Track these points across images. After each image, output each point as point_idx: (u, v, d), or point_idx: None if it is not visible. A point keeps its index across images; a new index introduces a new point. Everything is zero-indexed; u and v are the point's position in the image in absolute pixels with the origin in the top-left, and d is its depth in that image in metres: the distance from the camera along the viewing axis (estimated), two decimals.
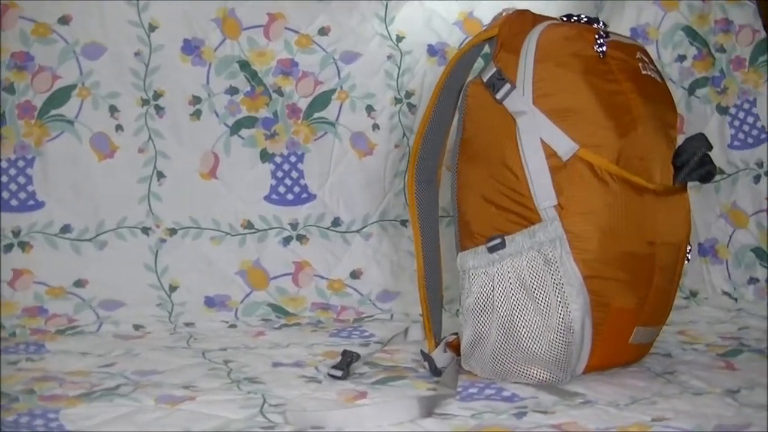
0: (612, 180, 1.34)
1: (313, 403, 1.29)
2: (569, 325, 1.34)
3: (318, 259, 1.85)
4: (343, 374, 1.40)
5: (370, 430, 1.17)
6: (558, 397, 1.31)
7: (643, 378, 1.41)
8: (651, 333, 1.45)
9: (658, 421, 1.20)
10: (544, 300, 1.34)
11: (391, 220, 1.89)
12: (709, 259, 1.97)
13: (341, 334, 1.68)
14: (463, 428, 1.18)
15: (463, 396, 1.32)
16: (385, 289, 1.85)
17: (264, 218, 1.84)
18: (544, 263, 1.34)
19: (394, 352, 1.55)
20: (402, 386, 1.37)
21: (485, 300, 1.38)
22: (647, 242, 1.37)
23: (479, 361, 1.41)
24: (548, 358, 1.35)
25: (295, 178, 1.86)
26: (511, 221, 1.36)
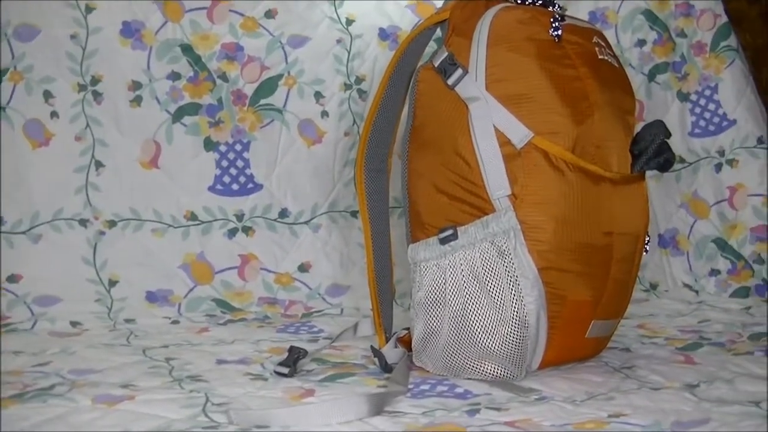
0: (568, 168, 1.35)
1: (259, 401, 1.29)
2: (524, 318, 1.35)
3: (265, 252, 1.84)
4: (289, 371, 1.40)
5: (317, 430, 1.17)
6: (512, 394, 1.32)
7: (601, 373, 1.42)
8: (608, 326, 1.46)
9: (615, 417, 1.21)
10: (498, 293, 1.35)
11: (340, 211, 1.89)
12: (670, 250, 1.99)
13: (289, 330, 1.68)
14: (414, 426, 1.18)
15: (415, 393, 1.33)
16: (334, 282, 1.85)
17: (208, 209, 1.83)
18: (498, 255, 1.35)
19: (343, 348, 1.55)
20: (351, 383, 1.37)
21: (437, 293, 1.38)
22: (604, 233, 1.38)
23: (431, 356, 1.41)
24: (502, 353, 1.36)
25: (241, 167, 1.85)
26: (463, 211, 1.37)
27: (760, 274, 1.92)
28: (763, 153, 1.95)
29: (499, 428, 1.18)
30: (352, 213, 1.88)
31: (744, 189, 1.95)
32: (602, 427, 1.18)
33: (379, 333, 1.49)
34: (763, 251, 1.93)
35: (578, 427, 1.18)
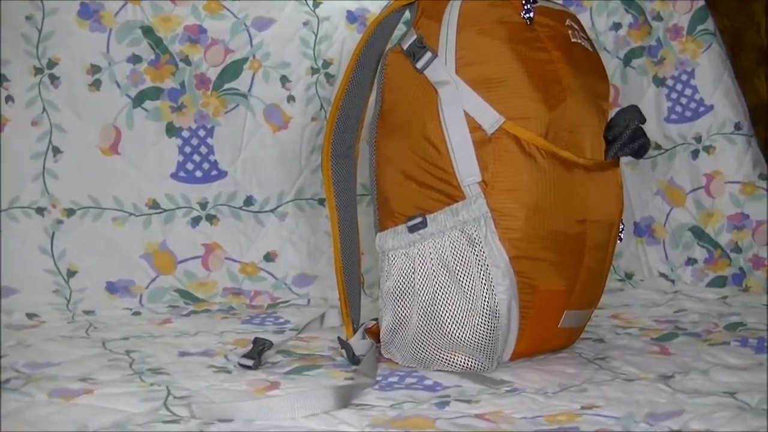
0: (540, 155, 1.35)
1: (222, 394, 1.29)
2: (495, 308, 1.35)
3: (229, 241, 1.84)
4: (254, 363, 1.40)
5: (281, 423, 1.17)
6: (483, 386, 1.33)
7: (574, 364, 1.43)
8: (582, 316, 1.47)
9: (587, 409, 1.22)
10: (468, 282, 1.35)
11: (307, 199, 1.89)
12: (645, 239, 2.00)
13: (254, 321, 1.68)
14: (381, 420, 1.19)
15: (383, 385, 1.33)
16: (301, 272, 1.85)
17: (171, 197, 1.83)
18: (468, 243, 1.35)
19: (309, 339, 1.55)
20: (317, 376, 1.37)
21: (406, 283, 1.39)
22: (577, 220, 1.38)
23: (400, 348, 1.41)
24: (473, 344, 1.36)
25: (204, 153, 1.85)
26: (432, 199, 1.37)
27: (737, 263, 1.93)
28: (741, 139, 1.97)
29: (469, 421, 1.18)
30: (320, 201, 1.88)
31: (721, 176, 1.96)
32: (574, 419, 1.18)
33: (346, 324, 1.49)
34: (740, 240, 1.94)
35: (550, 420, 1.19)
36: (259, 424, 1.16)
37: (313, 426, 1.16)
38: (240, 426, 1.16)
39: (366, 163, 1.46)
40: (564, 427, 1.15)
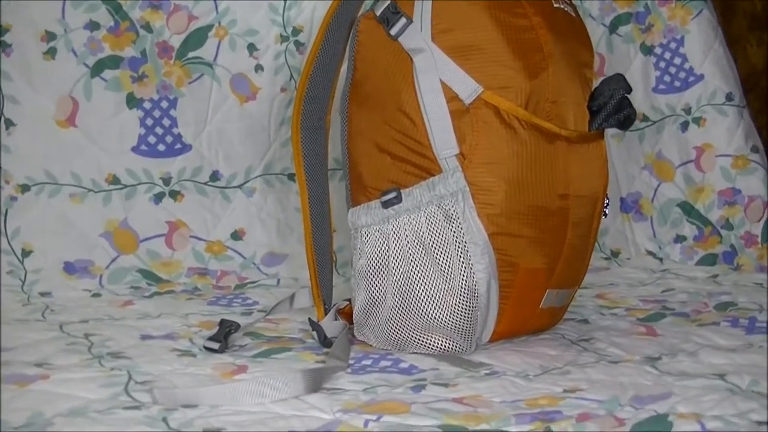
0: (520, 126, 1.35)
1: (186, 379, 1.29)
2: (473, 288, 1.36)
3: (194, 219, 1.84)
4: (220, 347, 1.40)
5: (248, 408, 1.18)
6: (461, 368, 1.33)
7: (556, 346, 1.43)
8: (564, 296, 1.48)
9: (570, 393, 1.23)
10: (446, 260, 1.35)
11: (277, 174, 1.88)
12: (632, 215, 2.01)
13: (221, 302, 1.68)
14: (354, 404, 1.19)
15: (355, 369, 1.33)
16: (270, 251, 1.85)
17: (132, 172, 1.82)
18: (445, 219, 1.35)
19: (278, 321, 1.56)
20: (287, 359, 1.38)
21: (380, 261, 1.39)
22: (559, 195, 1.39)
23: (374, 329, 1.42)
24: (450, 326, 1.37)
25: (167, 126, 1.84)
26: (407, 172, 1.37)
27: (728, 240, 1.94)
28: (732, 110, 1.98)
29: (446, 405, 1.19)
30: (290, 176, 1.88)
31: (712, 149, 1.97)
32: (556, 402, 1.19)
33: (317, 305, 1.50)
34: (731, 216, 1.95)
35: (531, 404, 1.19)
36: (225, 410, 1.17)
37: (281, 411, 1.16)
38: (205, 412, 1.16)
39: (338, 136, 1.46)
40: (545, 410, 1.16)
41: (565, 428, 1.10)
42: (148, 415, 1.15)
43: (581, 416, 1.13)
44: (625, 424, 1.11)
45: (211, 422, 1.12)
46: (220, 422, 1.12)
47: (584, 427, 1.10)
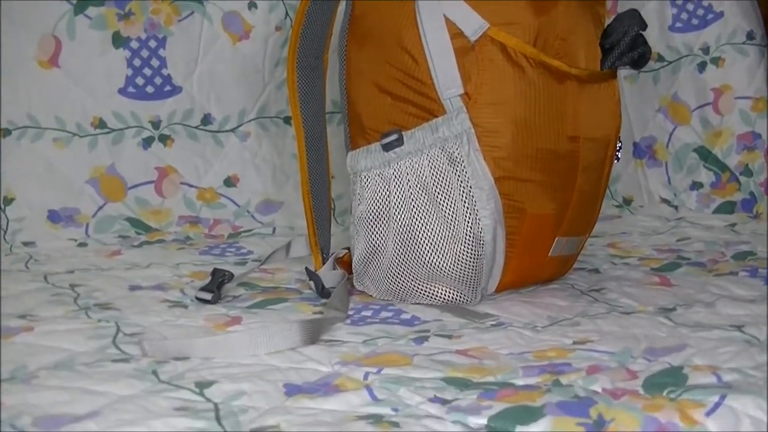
0: (528, 64, 1.35)
1: (177, 330, 1.29)
2: (479, 235, 1.36)
3: (185, 164, 1.84)
4: (213, 297, 1.41)
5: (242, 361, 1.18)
6: (465, 320, 1.33)
7: (565, 296, 1.44)
8: (574, 244, 1.48)
9: (580, 344, 1.23)
10: (450, 206, 1.35)
11: (272, 117, 1.88)
12: (646, 161, 2.01)
13: (213, 252, 1.69)
14: (353, 356, 1.19)
15: (355, 320, 1.34)
16: (266, 198, 1.85)
17: (119, 115, 1.82)
18: (449, 163, 1.35)
19: (274, 271, 1.56)
20: (283, 310, 1.38)
21: (380, 207, 1.39)
22: (569, 137, 1.38)
23: (374, 279, 1.42)
24: (454, 275, 1.37)
25: (156, 67, 1.84)
26: (409, 114, 1.37)
27: (747, 187, 1.94)
28: (753, 50, 1.97)
29: (449, 357, 1.19)
30: (285, 119, 1.88)
31: (730, 91, 1.97)
32: (565, 354, 1.19)
33: (314, 253, 1.50)
34: (750, 162, 1.95)
35: (539, 356, 1.19)
36: (217, 363, 1.17)
37: (277, 363, 1.17)
38: (196, 364, 1.16)
39: (336, 77, 1.46)
40: (554, 363, 1.16)
41: (575, 381, 1.10)
42: (137, 368, 1.15)
43: (591, 369, 1.14)
44: (638, 377, 1.11)
45: (204, 375, 1.12)
46: (213, 375, 1.12)
47: (595, 380, 1.10)
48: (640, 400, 1.04)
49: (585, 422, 0.99)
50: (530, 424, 0.98)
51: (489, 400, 1.04)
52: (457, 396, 1.06)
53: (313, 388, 1.08)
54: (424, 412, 1.02)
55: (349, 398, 1.05)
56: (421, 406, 1.04)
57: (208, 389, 1.08)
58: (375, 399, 1.05)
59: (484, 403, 1.03)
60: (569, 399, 1.04)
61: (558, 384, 1.09)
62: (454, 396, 1.06)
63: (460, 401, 1.04)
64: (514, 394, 1.06)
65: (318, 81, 1.49)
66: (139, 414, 1.01)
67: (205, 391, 1.07)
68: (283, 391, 1.08)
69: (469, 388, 1.08)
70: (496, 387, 1.08)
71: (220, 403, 1.04)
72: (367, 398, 1.06)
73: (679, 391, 1.06)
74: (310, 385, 1.10)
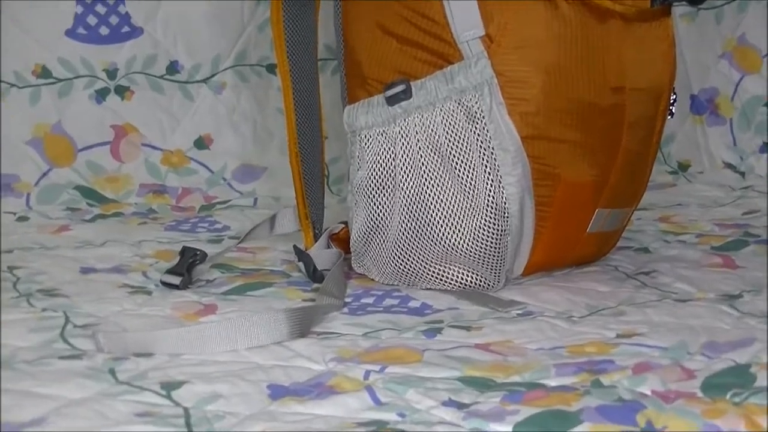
0: (562, 0, 1.35)
1: (139, 321, 1.29)
2: (502, 206, 1.36)
3: (148, 122, 1.84)
4: (182, 282, 1.41)
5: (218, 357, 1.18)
6: (487, 308, 1.34)
7: (607, 281, 1.44)
8: (618, 218, 1.48)
9: (625, 338, 1.23)
10: (468, 171, 1.35)
11: (252, 65, 1.88)
12: (706, 117, 2.01)
13: (182, 227, 1.69)
14: (352, 352, 1.20)
15: (353, 308, 1.34)
16: (245, 162, 1.86)
17: (66, 62, 1.82)
18: (467, 119, 1.35)
19: (256, 250, 1.56)
20: (267, 296, 1.39)
21: (384, 172, 1.39)
22: (612, 88, 1.39)
23: (376, 259, 1.43)
24: (473, 254, 1.37)
25: (111, 4, 1.84)
26: (419, 60, 1.37)
27: None
28: None
29: (467, 353, 1.19)
30: (269, 67, 1.88)
31: None
32: (608, 350, 1.20)
33: (305, 229, 1.50)
34: None
35: (575, 351, 1.20)
36: (188, 360, 1.17)
37: (260, 361, 1.17)
38: (163, 362, 1.17)
39: (330, 17, 1.46)
40: (593, 360, 1.16)
41: (619, 381, 1.10)
42: (90, 366, 1.16)
43: (639, 367, 1.14)
44: (696, 377, 1.12)
45: (171, 374, 1.13)
46: (182, 374, 1.13)
47: (643, 380, 1.11)
48: (698, 404, 1.05)
49: (631, 430, 1.00)
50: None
51: (515, 404, 1.05)
52: (476, 399, 1.07)
53: (303, 390, 1.09)
54: (437, 418, 1.03)
55: (347, 401, 1.06)
56: (432, 411, 1.04)
57: (177, 391, 1.08)
58: (378, 402, 1.06)
59: (509, 407, 1.04)
60: (612, 402, 1.04)
61: (598, 385, 1.10)
62: (472, 399, 1.07)
63: (479, 405, 1.05)
64: (545, 396, 1.06)
65: (309, 22, 1.49)
66: (93, 421, 1.01)
67: (172, 394, 1.08)
68: (267, 394, 1.08)
69: (490, 389, 1.09)
70: (524, 388, 1.09)
71: (191, 407, 1.05)
72: (369, 401, 1.06)
73: (745, 393, 1.07)
74: (299, 386, 1.10)
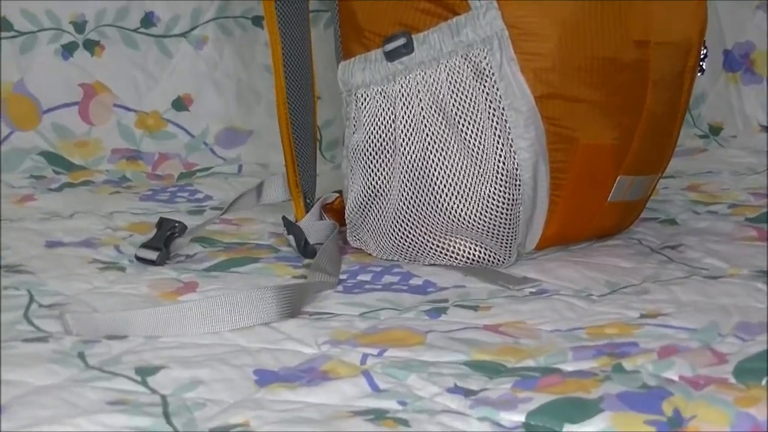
0: None
1: (112, 301, 1.30)
2: (514, 172, 1.36)
3: (120, 80, 1.85)
4: (159, 257, 1.42)
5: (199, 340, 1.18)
6: (496, 286, 1.34)
7: (630, 256, 1.45)
8: (642, 186, 1.48)
9: (650, 318, 1.23)
10: (475, 134, 1.36)
11: (236, 17, 1.88)
12: (741, 75, 2.01)
13: (159, 197, 1.70)
14: (347, 333, 1.20)
15: (349, 286, 1.35)
16: (229, 126, 1.86)
17: (28, 14, 1.82)
18: (475, 76, 1.35)
19: (241, 221, 1.57)
20: (252, 273, 1.39)
21: (383, 136, 1.39)
22: (635, 42, 1.39)
23: (375, 232, 1.43)
24: (481, 226, 1.38)
25: None
26: (421, 11, 1.37)
27: None
28: None
29: (475, 335, 1.20)
30: (254, 20, 1.88)
31: None
32: (630, 332, 1.20)
33: (295, 199, 1.50)
34: None
35: (595, 332, 1.20)
36: (166, 342, 1.17)
37: (245, 343, 1.17)
38: (138, 345, 1.17)
39: None
40: (615, 342, 1.17)
41: (643, 365, 1.11)
42: (57, 349, 1.16)
43: (665, 350, 1.14)
44: (728, 361, 1.12)
45: (147, 358, 1.13)
46: (159, 358, 1.13)
47: (669, 364, 1.11)
48: (731, 390, 1.05)
49: (656, 419, 1.00)
50: (582, 422, 0.99)
51: (528, 391, 1.05)
52: (485, 386, 1.07)
53: (293, 376, 1.09)
54: (441, 406, 1.03)
55: (342, 388, 1.06)
56: (436, 399, 1.05)
57: (153, 377, 1.09)
58: (376, 389, 1.06)
59: (521, 394, 1.04)
60: (635, 389, 1.05)
61: (620, 369, 1.10)
62: (480, 385, 1.07)
63: (488, 392, 1.05)
64: (562, 382, 1.07)
65: None
66: (61, 409, 1.01)
67: (149, 380, 1.08)
68: (254, 380, 1.08)
69: (500, 374, 1.09)
70: (538, 374, 1.09)
71: (170, 395, 1.05)
72: (366, 388, 1.07)
73: None
74: (289, 371, 1.11)
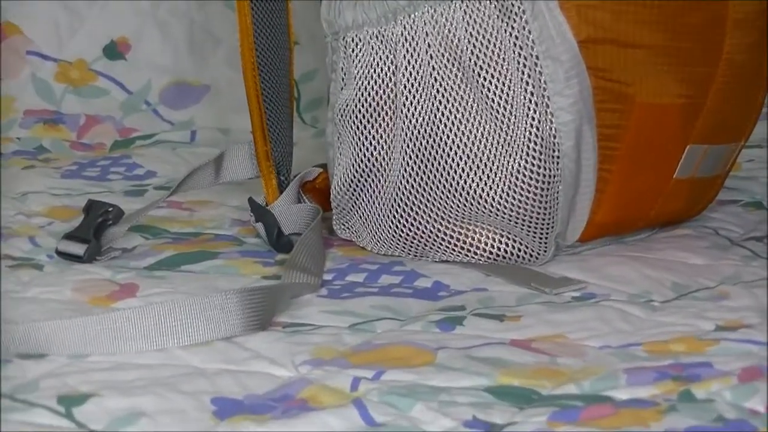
0: None
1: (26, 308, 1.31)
2: (551, 140, 1.37)
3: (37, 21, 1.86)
4: (87, 251, 1.43)
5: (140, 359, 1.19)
6: (528, 289, 1.35)
7: (703, 249, 1.46)
8: (719, 158, 1.49)
9: (728, 331, 1.24)
10: (500, 90, 1.36)
11: None
12: None
13: (87, 173, 1.71)
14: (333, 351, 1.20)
15: (336, 290, 1.36)
16: (178, 79, 1.87)
17: None
18: (501, 15, 1.36)
19: (195, 205, 1.59)
20: (210, 272, 1.41)
21: (380, 93, 1.40)
22: None
23: (369, 219, 1.44)
24: (509, 211, 1.38)
25: None
26: None
27: None
28: None
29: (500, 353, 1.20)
30: None
31: None
32: (702, 349, 1.21)
33: (265, 175, 1.51)
34: None
35: (655, 349, 1.21)
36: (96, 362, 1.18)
37: (200, 364, 1.18)
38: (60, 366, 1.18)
39: None
40: (682, 362, 1.17)
41: (719, 392, 1.11)
42: None
43: (747, 372, 1.15)
44: None
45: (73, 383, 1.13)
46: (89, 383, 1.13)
47: (753, 390, 1.11)
48: None
49: None
50: None
51: (568, 425, 1.06)
52: (512, 418, 1.08)
53: (263, 406, 1.10)
54: None
55: (327, 421, 1.07)
56: None
57: (80, 407, 1.09)
58: (371, 422, 1.07)
59: (561, 429, 1.05)
60: (709, 423, 1.05)
61: (689, 398, 1.11)
62: (507, 418, 1.08)
63: (517, 426, 1.06)
64: (613, 414, 1.08)
65: None
66: None
67: (74, 411, 1.09)
68: (212, 411, 1.09)
69: (533, 404, 1.10)
70: (581, 402, 1.10)
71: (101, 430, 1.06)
72: (358, 421, 1.07)
73: None
74: (258, 399, 1.11)
